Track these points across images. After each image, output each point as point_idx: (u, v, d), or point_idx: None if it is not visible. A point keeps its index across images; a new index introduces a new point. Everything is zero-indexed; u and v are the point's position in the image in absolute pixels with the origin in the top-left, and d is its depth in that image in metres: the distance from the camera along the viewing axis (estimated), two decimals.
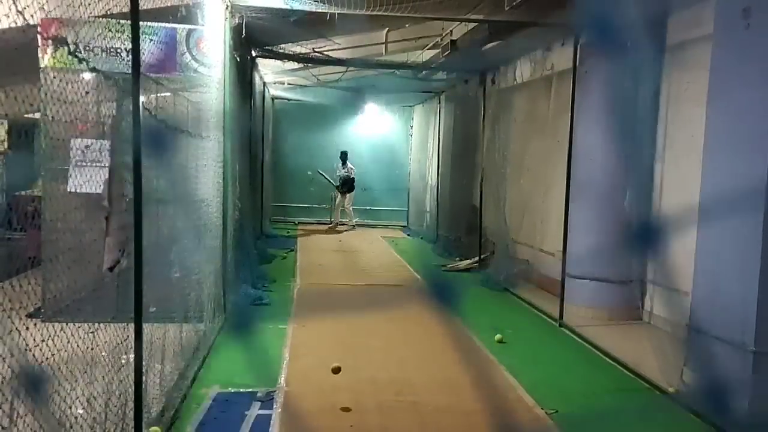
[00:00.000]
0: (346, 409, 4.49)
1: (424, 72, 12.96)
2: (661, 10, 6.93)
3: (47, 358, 3.19)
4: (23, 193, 7.62)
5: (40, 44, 5.50)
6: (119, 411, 3.78)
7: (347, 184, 16.40)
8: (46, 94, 3.92)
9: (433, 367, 5.70)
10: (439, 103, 14.58)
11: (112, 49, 5.70)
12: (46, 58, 5.62)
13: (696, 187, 5.44)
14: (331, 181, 16.55)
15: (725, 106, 5.04)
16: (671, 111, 7.03)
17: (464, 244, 11.93)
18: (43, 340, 3.05)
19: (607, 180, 7.35)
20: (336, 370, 4.43)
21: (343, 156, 16.62)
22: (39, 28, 5.32)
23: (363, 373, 5.45)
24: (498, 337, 6.66)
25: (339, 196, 16.57)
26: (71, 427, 3.44)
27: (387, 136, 18.01)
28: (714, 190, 5.20)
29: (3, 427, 3.05)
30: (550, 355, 6.39)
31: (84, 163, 5.16)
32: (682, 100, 6.82)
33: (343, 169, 16.55)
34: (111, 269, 5.18)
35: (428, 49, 12.37)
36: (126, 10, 3.66)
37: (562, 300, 7.47)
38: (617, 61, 6.97)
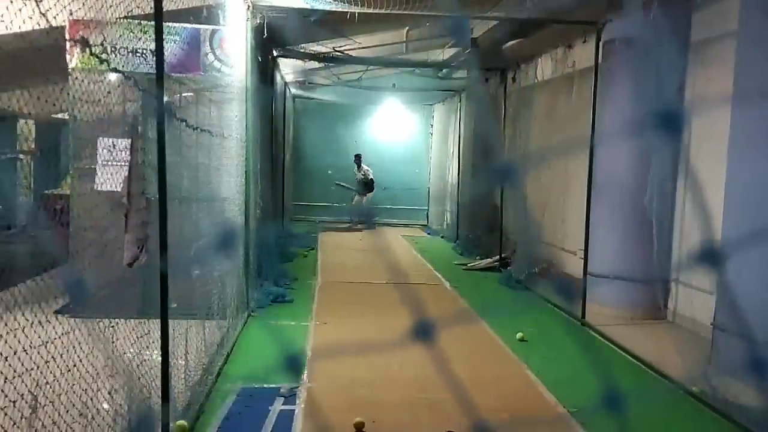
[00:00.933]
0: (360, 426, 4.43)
1: (444, 70, 12.96)
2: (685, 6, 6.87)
3: (77, 353, 3.26)
4: (52, 191, 7.76)
5: (67, 46, 5.59)
6: (142, 405, 3.84)
7: (366, 187, 16.42)
8: (74, 95, 3.99)
9: (455, 364, 5.70)
10: (460, 101, 14.55)
11: (137, 50, 5.78)
12: (73, 60, 5.70)
13: (719, 185, 5.39)
14: (351, 187, 16.59)
15: (750, 102, 4.99)
16: (695, 108, 6.96)
17: (485, 243, 11.90)
18: (64, 333, 3.12)
19: (629, 178, 7.31)
20: (359, 426, 4.36)
21: (357, 159, 16.63)
22: (67, 30, 5.42)
23: (385, 371, 5.48)
24: (519, 335, 6.65)
25: (357, 195, 16.61)
26: (93, 418, 3.51)
27: (407, 134, 18.05)
28: (739, 187, 5.15)
29: (25, 417, 3.12)
30: (571, 354, 6.36)
31: (110, 162, 5.24)
32: (706, 97, 6.75)
33: (359, 172, 16.57)
34: (130, 265, 5.27)
35: (449, 47, 12.36)
36: (150, 11, 3.72)
37: (584, 299, 7.43)
38: (641, 58, 6.93)
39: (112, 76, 5.40)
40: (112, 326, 4.12)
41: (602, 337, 6.79)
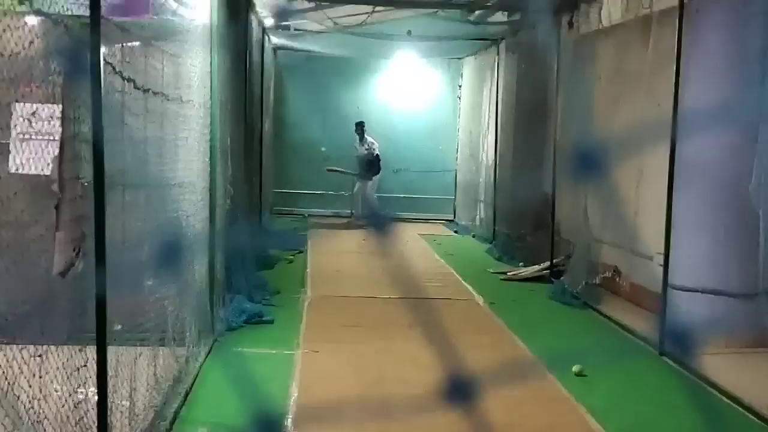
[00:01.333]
0: None
1: (477, 12, 12.90)
2: None
3: None
4: None
5: None
6: None
7: (372, 167, 16.27)
8: None
9: (493, 407, 5.69)
10: (498, 54, 14.52)
11: None
12: None
13: None
14: (349, 171, 16.49)
15: None
16: None
17: (531, 245, 11.89)
18: None
19: (726, 159, 7.25)
20: None
21: (360, 129, 16.48)
22: None
23: (396, 415, 5.47)
24: (576, 368, 6.63)
25: (359, 180, 16.55)
26: None
27: (427, 98, 18.00)
28: None
29: None
30: (646, 394, 6.35)
31: (31, 135, 5.24)
32: None
33: (362, 145, 16.46)
34: (63, 274, 5.27)
35: None
36: None
37: (662, 319, 7.40)
38: None
39: (34, 20, 5.40)
40: (39, 355, 4.13)
41: (687, 370, 6.76)
